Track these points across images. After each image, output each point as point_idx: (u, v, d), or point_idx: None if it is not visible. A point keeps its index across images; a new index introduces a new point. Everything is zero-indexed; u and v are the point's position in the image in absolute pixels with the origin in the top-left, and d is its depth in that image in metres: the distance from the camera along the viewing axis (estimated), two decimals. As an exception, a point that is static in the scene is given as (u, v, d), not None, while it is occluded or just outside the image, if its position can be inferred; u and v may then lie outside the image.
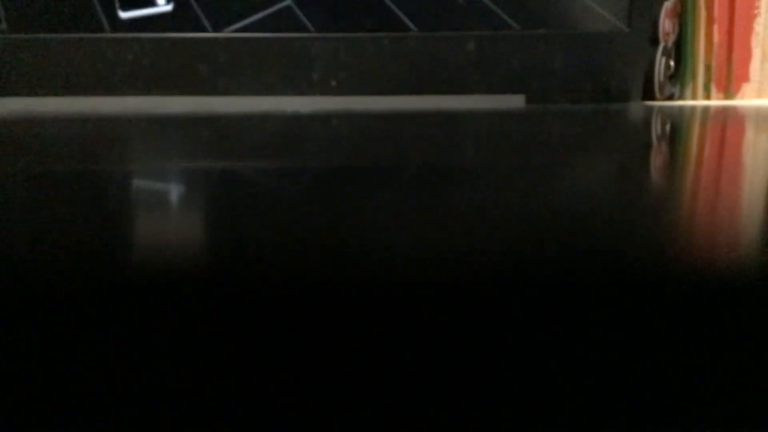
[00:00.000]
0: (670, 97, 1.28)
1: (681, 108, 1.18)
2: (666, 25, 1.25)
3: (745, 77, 1.26)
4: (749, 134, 0.79)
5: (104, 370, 0.18)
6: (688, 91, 1.28)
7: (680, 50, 1.28)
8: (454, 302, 0.22)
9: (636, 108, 1.18)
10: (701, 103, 1.26)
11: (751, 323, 0.21)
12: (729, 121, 0.96)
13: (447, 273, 0.25)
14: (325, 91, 1.18)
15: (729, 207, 0.37)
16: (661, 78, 1.25)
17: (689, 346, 0.19)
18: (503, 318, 0.21)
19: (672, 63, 1.27)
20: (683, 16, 1.27)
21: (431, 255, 0.27)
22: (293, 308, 0.22)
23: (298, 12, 1.17)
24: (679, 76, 1.28)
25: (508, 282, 0.24)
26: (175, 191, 0.48)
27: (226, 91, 1.16)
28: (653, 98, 1.25)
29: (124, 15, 1.13)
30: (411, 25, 1.19)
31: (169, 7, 1.13)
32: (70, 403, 0.16)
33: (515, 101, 1.20)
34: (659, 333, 0.20)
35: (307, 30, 1.17)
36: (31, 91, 1.13)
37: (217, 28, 1.16)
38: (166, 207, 0.42)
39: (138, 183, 0.52)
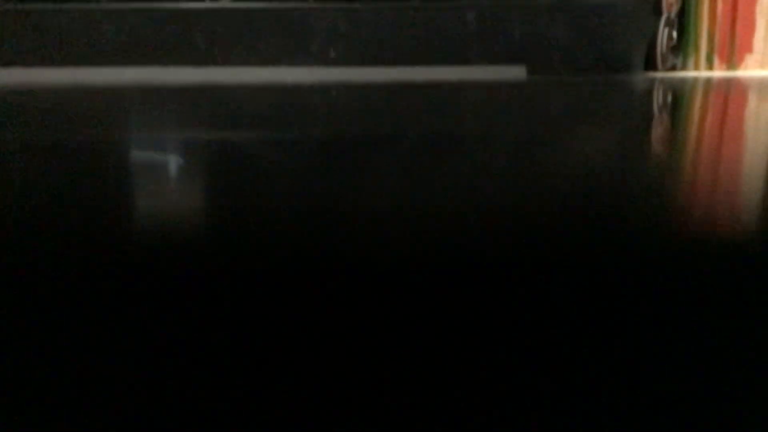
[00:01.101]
0: (673, 68, 1.27)
1: (683, 79, 1.17)
2: (669, -5, 1.23)
3: (748, 48, 1.25)
4: (754, 106, 0.78)
5: (105, 351, 0.18)
6: (690, 63, 1.27)
7: (683, 21, 1.26)
8: (455, 279, 0.22)
9: (638, 79, 1.17)
10: (704, 74, 1.25)
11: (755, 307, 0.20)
12: (733, 93, 0.96)
13: (448, 247, 0.25)
14: (324, 62, 1.17)
15: (741, 181, 0.37)
16: (664, 49, 1.24)
17: (694, 326, 0.19)
18: (508, 295, 0.21)
19: (675, 34, 1.26)
20: (687, -14, 1.25)
21: (431, 227, 0.27)
22: (295, 278, 0.22)
23: (297, -19, 1.15)
24: (681, 47, 1.27)
25: (514, 256, 0.24)
26: (174, 162, 0.47)
27: (224, 62, 1.15)
28: (655, 69, 1.24)
29: (120, -16, 1.12)
30: (411, -5, 1.18)
31: (165, -24, 1.12)
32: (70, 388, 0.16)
33: (516, 72, 1.18)
34: (662, 316, 0.20)
35: (305, 0, 1.16)
36: (28, 62, 1.12)
37: (214, -2, 1.15)
38: (167, 178, 0.41)
39: (137, 154, 0.52)
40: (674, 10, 1.25)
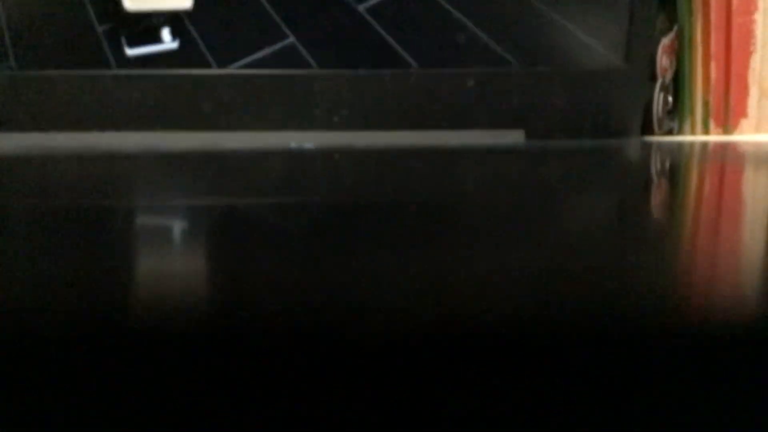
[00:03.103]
0: (669, 133, 1.29)
1: (680, 144, 1.19)
2: (663, 61, 1.26)
3: (743, 113, 1.28)
4: (752, 171, 0.80)
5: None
6: (686, 127, 1.29)
7: (678, 86, 1.29)
8: (457, 357, 0.22)
9: (635, 144, 1.19)
10: (700, 138, 1.27)
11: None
12: (730, 157, 0.97)
13: (450, 325, 0.25)
14: (328, 126, 1.19)
15: (748, 258, 0.37)
16: (660, 114, 1.26)
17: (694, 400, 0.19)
18: (505, 372, 0.21)
19: (670, 99, 1.28)
20: (680, 53, 1.28)
21: (432, 304, 0.27)
22: (298, 356, 0.22)
23: (302, 49, 1.18)
24: (677, 111, 1.30)
25: (512, 334, 0.24)
26: (180, 230, 0.48)
27: (231, 127, 1.17)
28: (652, 133, 1.26)
29: (130, 52, 1.14)
30: (412, 62, 1.20)
31: (174, 45, 1.15)
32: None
33: (515, 137, 1.20)
34: (662, 390, 0.20)
35: (310, 67, 1.18)
36: (39, 127, 1.13)
37: (221, 65, 1.17)
38: (173, 247, 0.42)
39: (144, 221, 0.52)
40: (668, 75, 1.27)
